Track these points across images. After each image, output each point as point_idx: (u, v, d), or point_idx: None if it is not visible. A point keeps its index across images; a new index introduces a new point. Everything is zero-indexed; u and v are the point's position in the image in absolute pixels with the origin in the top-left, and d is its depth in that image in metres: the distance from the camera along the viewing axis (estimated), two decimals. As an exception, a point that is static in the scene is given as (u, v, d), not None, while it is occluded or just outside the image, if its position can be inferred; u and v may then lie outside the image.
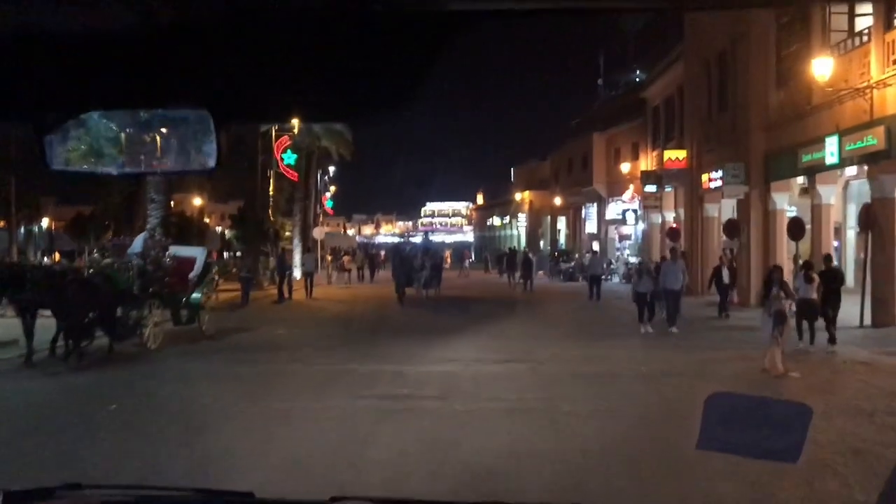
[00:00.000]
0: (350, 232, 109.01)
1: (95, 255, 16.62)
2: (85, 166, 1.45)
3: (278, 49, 1.23)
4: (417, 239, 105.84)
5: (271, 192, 32.14)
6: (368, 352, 13.10)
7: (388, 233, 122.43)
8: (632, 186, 36.77)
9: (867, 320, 15.67)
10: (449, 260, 46.72)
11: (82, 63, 1.22)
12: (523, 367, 11.66)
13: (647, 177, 32.97)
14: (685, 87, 28.52)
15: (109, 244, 18.21)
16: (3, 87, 1.25)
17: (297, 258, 34.31)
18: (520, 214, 60.54)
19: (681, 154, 28.13)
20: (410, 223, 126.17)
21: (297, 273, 28.96)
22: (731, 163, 22.04)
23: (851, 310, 15.26)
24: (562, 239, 53.72)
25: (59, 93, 1.27)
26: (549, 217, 55.71)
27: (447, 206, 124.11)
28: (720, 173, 23.25)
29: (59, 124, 1.37)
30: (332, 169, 50.23)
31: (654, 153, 34.49)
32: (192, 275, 14.65)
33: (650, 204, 33.30)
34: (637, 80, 45.89)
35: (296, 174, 34.79)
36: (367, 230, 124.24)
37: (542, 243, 58.12)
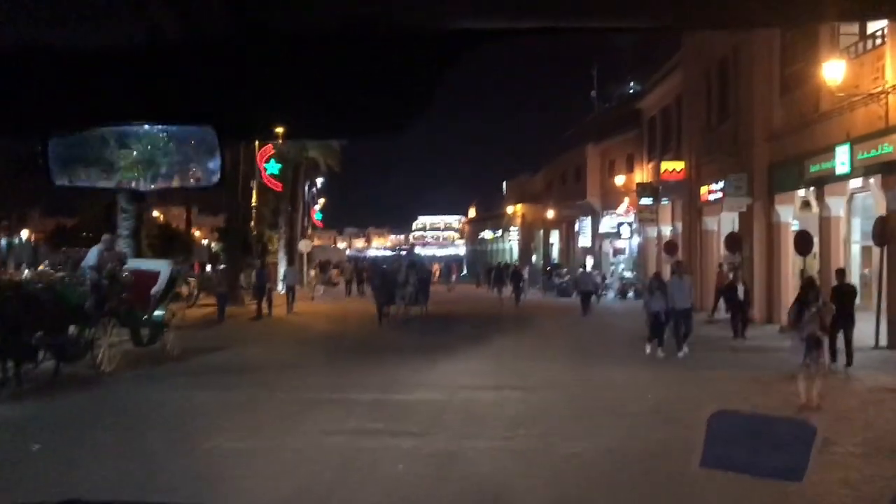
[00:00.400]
0: (341, 245, 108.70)
1: (45, 267, 15.36)
2: (89, 182, 1.48)
3: (283, 67, 1.25)
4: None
5: (254, 203, 30.91)
6: (344, 377, 11.92)
7: (380, 246, 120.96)
8: (627, 199, 35.78)
9: (882, 341, 14.60)
10: (438, 274, 45.62)
11: (88, 79, 1.24)
12: (514, 395, 10.50)
13: (642, 189, 31.98)
14: (684, 96, 27.57)
15: (63, 256, 16.94)
16: (10, 102, 1.28)
17: (281, 272, 33.32)
18: (512, 228, 59.49)
19: (678, 165, 27.14)
20: (402, 237, 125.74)
21: (281, 287, 27.91)
22: (734, 174, 21.02)
23: (864, 329, 14.22)
24: (555, 253, 52.68)
25: (64, 108, 1.30)
26: (541, 231, 54.68)
27: (439, 219, 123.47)
28: (721, 185, 22.25)
29: (65, 139, 1.39)
30: (320, 180, 49.08)
31: (650, 165, 33.52)
32: (154, 290, 13.42)
33: (646, 217, 32.31)
34: (631, 91, 44.96)
35: (279, 184, 33.77)
36: (359, 243, 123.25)
37: (534, 257, 57.05)
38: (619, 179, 36.37)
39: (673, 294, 14.68)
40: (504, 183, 68.85)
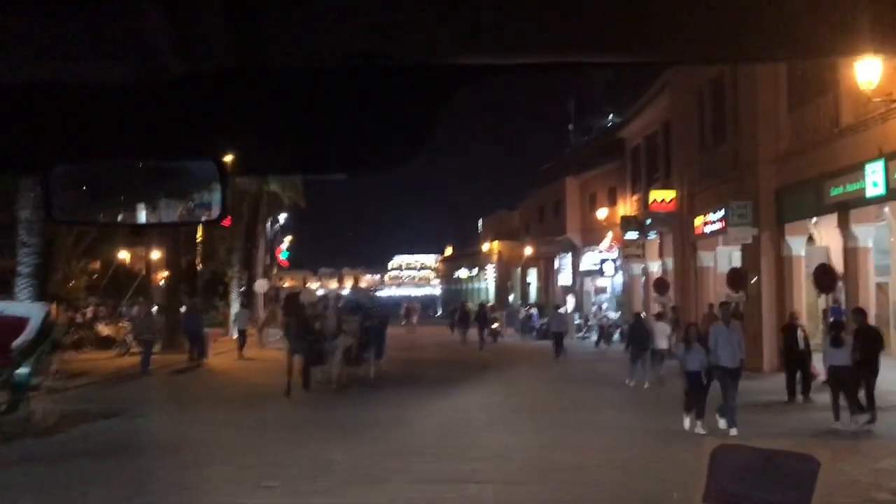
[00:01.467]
0: (314, 286, 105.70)
1: None
2: (88, 216, 1.58)
3: (283, 102, 1.29)
4: (389, 292, 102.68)
5: (199, 238, 27.89)
6: (253, 469, 8.80)
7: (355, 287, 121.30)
8: (610, 234, 33.19)
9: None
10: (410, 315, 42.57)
11: (90, 114, 1.27)
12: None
13: (627, 223, 29.44)
14: (672, 120, 25.16)
15: None
16: (12, 136, 1.30)
17: (232, 313, 30.34)
18: (488, 266, 56.63)
19: (669, 195, 24.59)
20: (378, 276, 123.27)
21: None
22: (736, 201, 18.42)
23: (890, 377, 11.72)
24: (532, 292, 49.90)
25: (66, 144, 1.32)
26: (519, 269, 51.96)
27: (415, 259, 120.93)
28: (720, 214, 19.66)
29: (66, 175, 1.39)
30: (283, 217, 46.07)
31: (635, 197, 31.05)
32: (17, 342, 10.33)
33: (631, 253, 29.72)
34: (610, 124, 42.87)
35: (228, 219, 30.88)
36: (334, 284, 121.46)
37: (511, 297, 54.22)
38: (602, 213, 33.82)
39: (718, 347, 11.05)
40: (480, 220, 66.37)
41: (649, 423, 11.52)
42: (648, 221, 26.97)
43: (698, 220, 21.69)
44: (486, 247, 57.39)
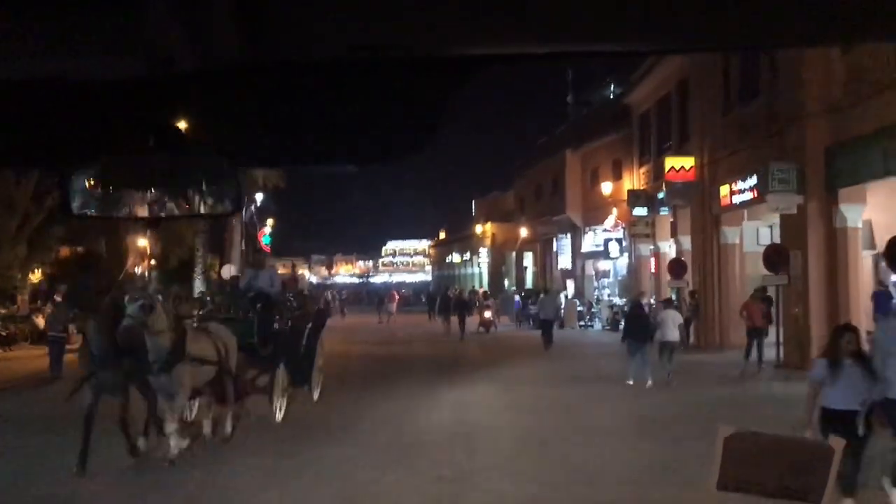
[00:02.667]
0: (305, 273, 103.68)
1: None
2: (104, 211, 1.51)
3: (292, 96, 1.29)
4: (382, 279, 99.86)
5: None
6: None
7: (347, 273, 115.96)
8: (615, 211, 30.06)
9: None
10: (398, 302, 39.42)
11: (103, 111, 1.29)
12: None
13: (635, 197, 26.37)
14: (691, 77, 21.90)
15: None
16: (28, 133, 1.32)
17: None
18: (481, 250, 53.35)
19: (687, 162, 21.38)
20: (371, 263, 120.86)
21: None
22: (777, 163, 15.24)
23: None
24: (528, 277, 46.84)
25: (81, 139, 1.34)
26: (513, 253, 48.85)
27: (409, 244, 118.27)
28: (752, 181, 16.53)
29: (81, 170, 1.43)
30: (259, 196, 42.77)
31: (643, 170, 27.90)
32: None
33: (639, 231, 26.63)
34: (612, 95, 39.59)
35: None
36: (324, 272, 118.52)
37: (506, 282, 51.10)
38: (606, 188, 30.60)
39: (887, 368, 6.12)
40: (473, 202, 63.13)
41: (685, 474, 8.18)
42: (661, 195, 23.80)
43: (724, 190, 18.55)
44: (479, 229, 54.19)
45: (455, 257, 62.91)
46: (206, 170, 1.42)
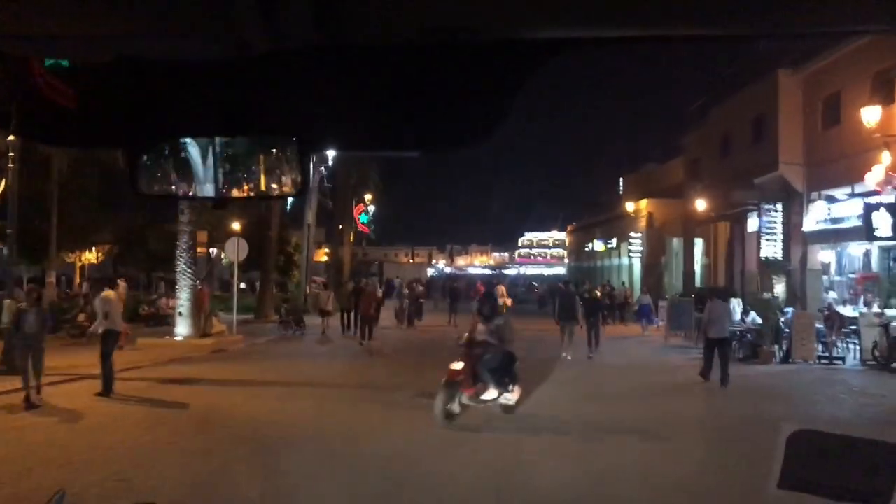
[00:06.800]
0: (439, 262, 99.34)
1: None
2: (171, 190, 1.50)
3: (364, 80, 1.28)
4: (514, 271, 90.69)
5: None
6: None
7: (482, 264, 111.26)
8: (884, 158, 17.19)
9: None
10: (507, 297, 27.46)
11: (175, 91, 1.29)
12: None
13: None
14: None
15: None
16: (98, 113, 1.32)
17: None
18: (632, 235, 40.70)
19: None
20: (507, 254, 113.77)
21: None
22: None
23: None
24: (697, 269, 34.17)
25: (150, 119, 1.34)
26: (678, 238, 36.18)
27: (547, 235, 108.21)
28: None
29: (150, 150, 1.43)
30: (322, 169, 33.39)
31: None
32: None
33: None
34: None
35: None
36: (461, 262, 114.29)
37: (665, 278, 38.42)
38: (869, 114, 17.62)
39: None
40: (621, 179, 50.51)
41: None
42: None
43: None
44: (630, 206, 41.65)
45: (597, 245, 50.39)
46: (275, 151, 1.42)
